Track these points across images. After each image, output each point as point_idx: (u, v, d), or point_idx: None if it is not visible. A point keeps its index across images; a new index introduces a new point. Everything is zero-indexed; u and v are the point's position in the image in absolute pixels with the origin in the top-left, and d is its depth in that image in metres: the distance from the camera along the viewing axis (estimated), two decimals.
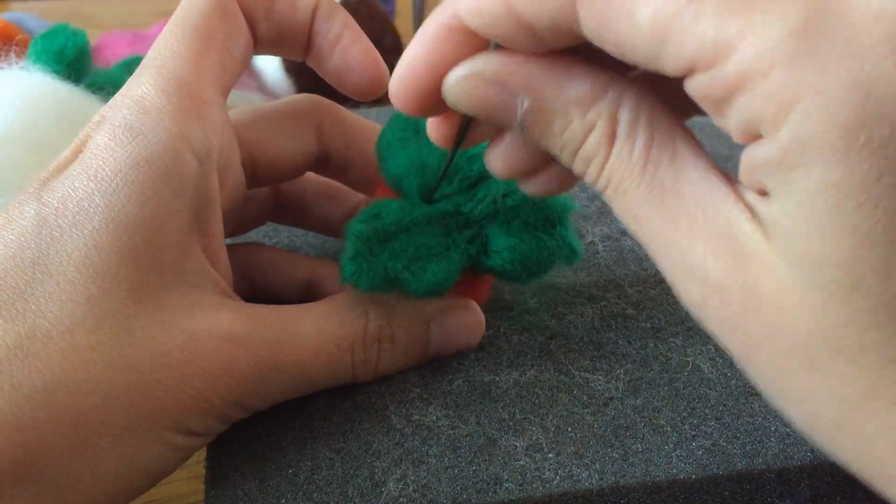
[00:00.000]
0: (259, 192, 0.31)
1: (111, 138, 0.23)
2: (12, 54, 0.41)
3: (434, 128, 0.22)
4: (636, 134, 0.19)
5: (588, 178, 0.20)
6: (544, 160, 0.22)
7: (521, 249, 0.26)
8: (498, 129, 0.22)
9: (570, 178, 0.23)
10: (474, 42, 0.19)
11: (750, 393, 0.27)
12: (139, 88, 0.24)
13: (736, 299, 0.17)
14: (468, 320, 0.28)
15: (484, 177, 0.27)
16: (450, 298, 0.27)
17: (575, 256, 0.27)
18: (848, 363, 0.16)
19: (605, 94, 0.19)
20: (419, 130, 0.26)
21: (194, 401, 0.22)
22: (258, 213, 0.31)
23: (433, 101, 0.20)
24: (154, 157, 0.23)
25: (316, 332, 0.25)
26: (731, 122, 0.17)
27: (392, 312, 0.26)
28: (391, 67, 0.22)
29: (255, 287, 0.30)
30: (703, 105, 0.17)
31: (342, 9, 0.28)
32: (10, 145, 0.36)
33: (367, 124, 0.30)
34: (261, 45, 0.27)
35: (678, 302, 0.31)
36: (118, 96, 0.24)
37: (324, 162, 0.30)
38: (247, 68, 0.28)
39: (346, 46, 0.27)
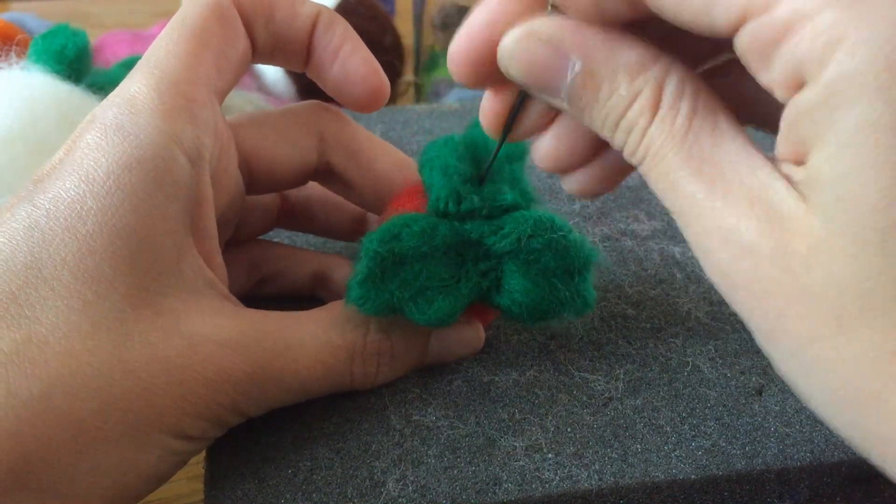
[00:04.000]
0: (264, 199, 0.30)
1: (102, 137, 0.23)
2: (12, 54, 0.41)
3: (486, 106, 0.23)
4: (680, 103, 0.19)
5: (628, 148, 0.20)
6: (589, 152, 0.23)
7: (532, 295, 0.25)
8: (546, 116, 0.23)
9: (611, 177, 0.24)
10: (533, 6, 0.20)
11: (749, 393, 0.27)
12: (131, 88, 0.24)
13: (767, 262, 0.18)
14: (467, 335, 0.27)
15: (513, 208, 0.26)
16: None
17: (587, 308, 0.26)
18: (879, 317, 0.16)
19: (653, 64, 0.20)
20: (465, 156, 0.27)
21: (192, 406, 0.22)
22: (263, 220, 0.31)
23: (487, 68, 0.21)
24: (146, 159, 0.22)
25: (314, 342, 0.25)
26: (777, 71, 0.17)
27: (393, 325, 0.26)
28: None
29: (264, 282, 0.30)
30: (750, 60, 0.18)
31: (342, 19, 0.27)
32: (11, 145, 0.36)
33: (373, 141, 0.29)
34: (259, 53, 0.27)
35: (678, 302, 0.31)
36: (111, 96, 0.24)
37: (327, 174, 0.29)
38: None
39: (346, 57, 0.27)
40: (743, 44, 0.18)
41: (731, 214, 0.18)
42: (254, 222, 0.31)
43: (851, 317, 0.17)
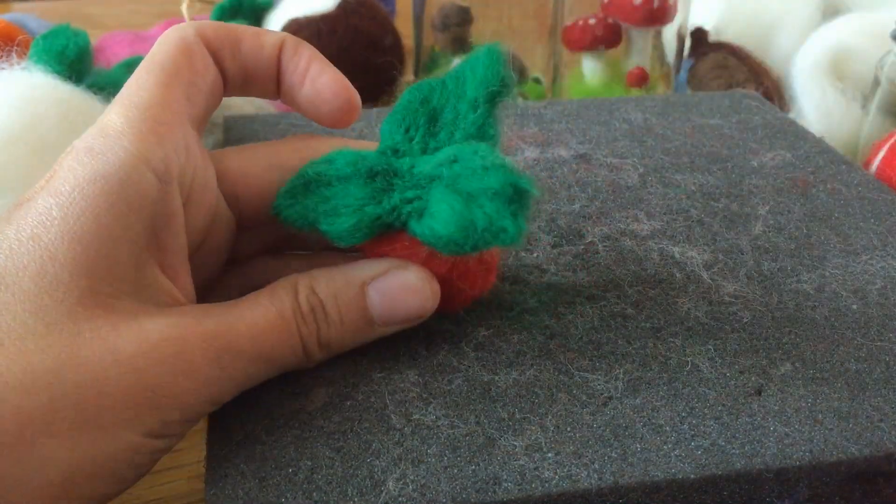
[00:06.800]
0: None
1: (74, 160, 0.24)
2: (14, 55, 0.41)
3: None
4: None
5: None
6: None
7: (449, 221, 0.24)
8: None
9: None
10: None
11: (749, 393, 0.27)
12: (104, 119, 0.25)
13: None
14: (408, 280, 0.27)
15: (451, 141, 0.27)
16: (387, 261, 0.27)
17: (512, 239, 0.24)
18: None
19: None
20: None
21: (148, 397, 0.22)
22: (256, 246, 0.31)
23: None
24: (111, 173, 0.23)
25: (261, 309, 0.25)
26: None
27: (316, 279, 0.26)
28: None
29: None
30: None
31: (307, 44, 0.28)
32: (11, 146, 0.36)
33: None
34: (231, 84, 0.28)
35: (677, 302, 0.31)
36: (88, 130, 0.25)
37: None
38: None
39: (315, 77, 0.28)
40: None
41: None
42: (245, 248, 0.31)
43: None
